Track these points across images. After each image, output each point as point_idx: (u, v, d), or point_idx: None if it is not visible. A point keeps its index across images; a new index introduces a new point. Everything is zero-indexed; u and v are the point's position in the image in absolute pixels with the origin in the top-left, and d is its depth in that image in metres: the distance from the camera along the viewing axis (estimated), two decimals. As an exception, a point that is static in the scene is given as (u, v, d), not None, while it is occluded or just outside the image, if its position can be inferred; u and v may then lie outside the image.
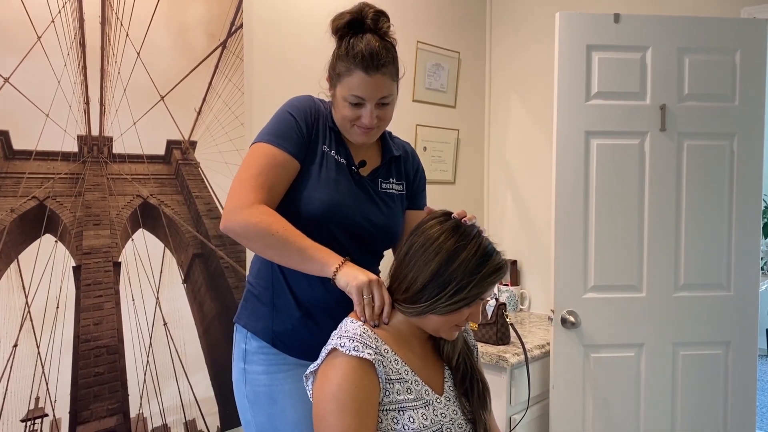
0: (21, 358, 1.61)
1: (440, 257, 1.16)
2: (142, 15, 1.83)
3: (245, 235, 1.29)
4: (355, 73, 1.31)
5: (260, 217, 1.26)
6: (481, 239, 1.19)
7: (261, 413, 1.41)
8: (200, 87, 1.97)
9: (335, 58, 1.35)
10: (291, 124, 1.37)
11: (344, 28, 1.33)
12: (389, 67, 1.33)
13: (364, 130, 1.37)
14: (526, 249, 3.09)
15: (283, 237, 1.25)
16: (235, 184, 1.32)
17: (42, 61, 1.63)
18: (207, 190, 2.01)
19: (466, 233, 1.18)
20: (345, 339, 1.14)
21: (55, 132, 1.66)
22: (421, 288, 1.17)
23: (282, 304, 1.41)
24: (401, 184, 1.52)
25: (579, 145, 2.20)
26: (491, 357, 2.22)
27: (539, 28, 2.97)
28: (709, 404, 2.27)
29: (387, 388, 1.14)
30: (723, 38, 2.21)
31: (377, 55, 1.30)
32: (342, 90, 1.34)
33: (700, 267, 2.24)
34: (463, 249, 1.16)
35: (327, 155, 1.40)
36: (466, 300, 1.16)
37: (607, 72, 2.20)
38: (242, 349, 1.43)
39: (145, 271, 1.86)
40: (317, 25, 2.31)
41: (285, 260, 1.29)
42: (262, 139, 1.36)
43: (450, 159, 3.02)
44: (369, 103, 1.34)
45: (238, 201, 1.29)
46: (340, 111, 1.37)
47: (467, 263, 1.15)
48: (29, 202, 1.63)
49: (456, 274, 1.15)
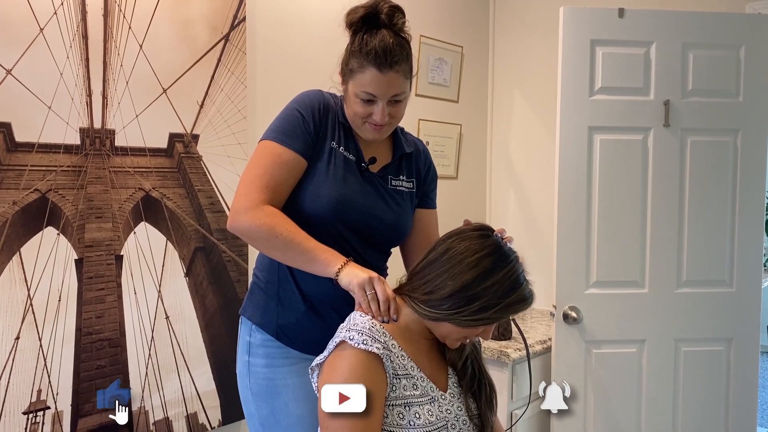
0: (23, 350, 1.61)
1: (475, 272, 1.15)
2: (145, 7, 1.82)
3: (250, 236, 1.32)
4: (367, 70, 1.29)
5: (264, 219, 1.27)
6: (517, 266, 1.19)
7: (264, 406, 1.41)
8: (203, 80, 1.97)
9: (348, 54, 1.33)
10: (298, 121, 1.35)
11: (358, 23, 1.31)
12: (402, 65, 1.31)
13: (375, 127, 1.36)
14: (529, 244, 3.08)
15: (288, 238, 1.26)
16: (241, 184, 1.33)
17: (44, 53, 1.62)
18: (209, 183, 2.01)
19: (505, 255, 1.18)
20: (354, 332, 1.13)
21: (57, 124, 1.66)
22: (447, 296, 1.16)
23: (287, 297, 1.41)
24: (412, 181, 1.50)
25: (582, 141, 2.20)
26: (493, 352, 2.22)
27: (543, 23, 2.96)
28: (710, 401, 2.27)
29: (394, 383, 1.14)
30: (728, 34, 2.20)
31: (391, 51, 1.28)
32: (354, 86, 1.33)
33: (702, 263, 2.24)
34: (499, 270, 1.16)
35: (335, 152, 1.39)
36: (487, 320, 1.17)
37: (610, 67, 2.19)
38: (246, 341, 1.44)
39: (147, 264, 1.86)
40: (320, 18, 2.31)
41: (290, 261, 1.32)
42: (268, 137, 1.35)
43: (452, 154, 3.01)
44: (381, 100, 1.32)
45: (243, 202, 1.30)
46: (352, 107, 1.36)
47: (500, 285, 1.15)
48: (31, 195, 1.62)
49: (486, 293, 1.15)
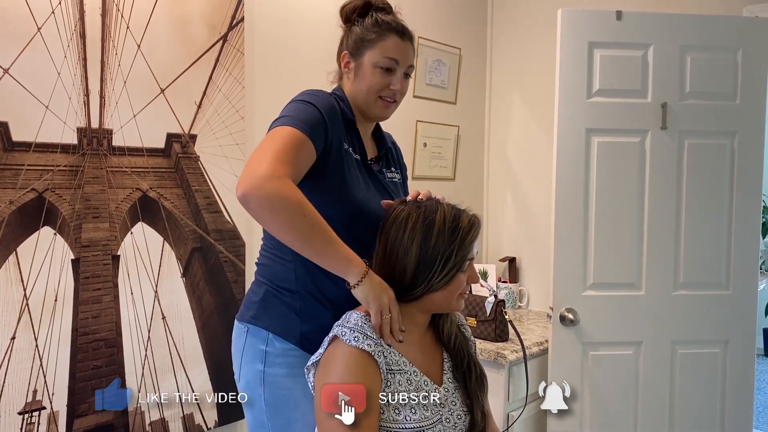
0: (19, 350, 1.61)
1: (417, 239, 1.19)
2: (143, 7, 1.82)
3: (272, 207, 1.15)
4: (389, 37, 1.37)
5: (293, 194, 1.15)
6: (443, 207, 1.23)
7: (280, 417, 1.36)
8: (201, 80, 1.96)
9: (361, 30, 1.39)
10: (316, 116, 1.30)
11: (362, 8, 1.41)
12: (413, 42, 1.42)
13: (387, 102, 1.40)
14: (526, 246, 3.09)
15: (315, 222, 1.17)
16: (262, 153, 1.20)
17: (42, 52, 1.62)
18: (207, 183, 2.00)
19: (429, 208, 1.22)
20: (346, 328, 1.16)
21: (54, 124, 1.65)
22: (412, 275, 1.20)
23: (310, 306, 1.36)
24: (398, 172, 1.54)
25: (579, 143, 2.20)
26: (490, 354, 2.22)
27: (541, 25, 2.96)
28: (706, 403, 2.28)
29: (388, 378, 1.15)
30: (725, 36, 2.20)
31: (405, 27, 1.40)
32: (373, 55, 1.37)
33: (699, 266, 2.24)
34: (433, 223, 1.20)
35: (348, 153, 1.37)
36: (456, 267, 1.21)
37: (608, 69, 2.19)
38: (261, 350, 1.36)
39: (144, 264, 1.86)
40: (319, 18, 2.31)
41: (306, 246, 1.20)
42: (286, 123, 1.26)
43: (450, 155, 3.01)
44: (400, 68, 1.39)
45: (270, 169, 1.15)
46: (368, 80, 1.38)
47: (442, 234, 1.19)
48: (28, 194, 1.62)
49: (437, 248, 1.19)
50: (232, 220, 2.06)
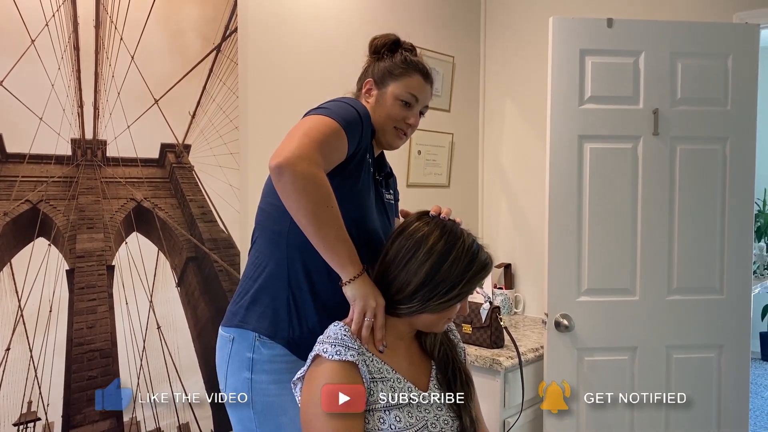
0: (13, 361, 1.60)
1: (432, 260, 1.19)
2: (137, 18, 1.83)
3: (303, 188, 1.17)
4: (414, 76, 1.46)
5: (324, 183, 1.19)
6: (467, 238, 1.23)
7: (268, 424, 1.36)
8: (194, 90, 1.97)
9: (389, 64, 1.47)
10: (356, 119, 1.32)
11: (393, 44, 1.50)
12: (432, 86, 1.53)
13: (402, 133, 1.48)
14: (520, 252, 3.10)
15: (334, 214, 1.21)
16: (303, 133, 1.21)
17: (36, 64, 1.63)
18: (201, 193, 2.01)
19: (453, 233, 1.23)
20: (327, 345, 1.16)
21: (48, 135, 1.66)
22: (414, 291, 1.20)
23: (301, 305, 1.36)
24: (392, 195, 1.58)
25: (572, 149, 2.21)
26: (485, 360, 2.22)
27: (533, 33, 2.98)
28: (702, 408, 2.28)
29: (371, 387, 1.16)
30: (715, 43, 2.22)
31: (429, 71, 1.51)
32: (398, 88, 1.45)
33: (693, 270, 2.25)
34: (452, 250, 1.20)
35: (368, 162, 1.40)
36: (458, 298, 1.22)
37: (600, 76, 2.20)
38: (248, 358, 1.37)
39: (139, 274, 1.86)
40: (312, 29, 2.32)
41: (319, 234, 1.21)
42: (328, 115, 1.27)
43: (444, 163, 3.02)
44: (418, 105, 1.48)
45: (309, 153, 1.17)
46: (388, 110, 1.45)
47: (458, 263, 1.20)
48: (22, 206, 1.62)
49: (449, 274, 1.19)
50: (226, 230, 2.07)
